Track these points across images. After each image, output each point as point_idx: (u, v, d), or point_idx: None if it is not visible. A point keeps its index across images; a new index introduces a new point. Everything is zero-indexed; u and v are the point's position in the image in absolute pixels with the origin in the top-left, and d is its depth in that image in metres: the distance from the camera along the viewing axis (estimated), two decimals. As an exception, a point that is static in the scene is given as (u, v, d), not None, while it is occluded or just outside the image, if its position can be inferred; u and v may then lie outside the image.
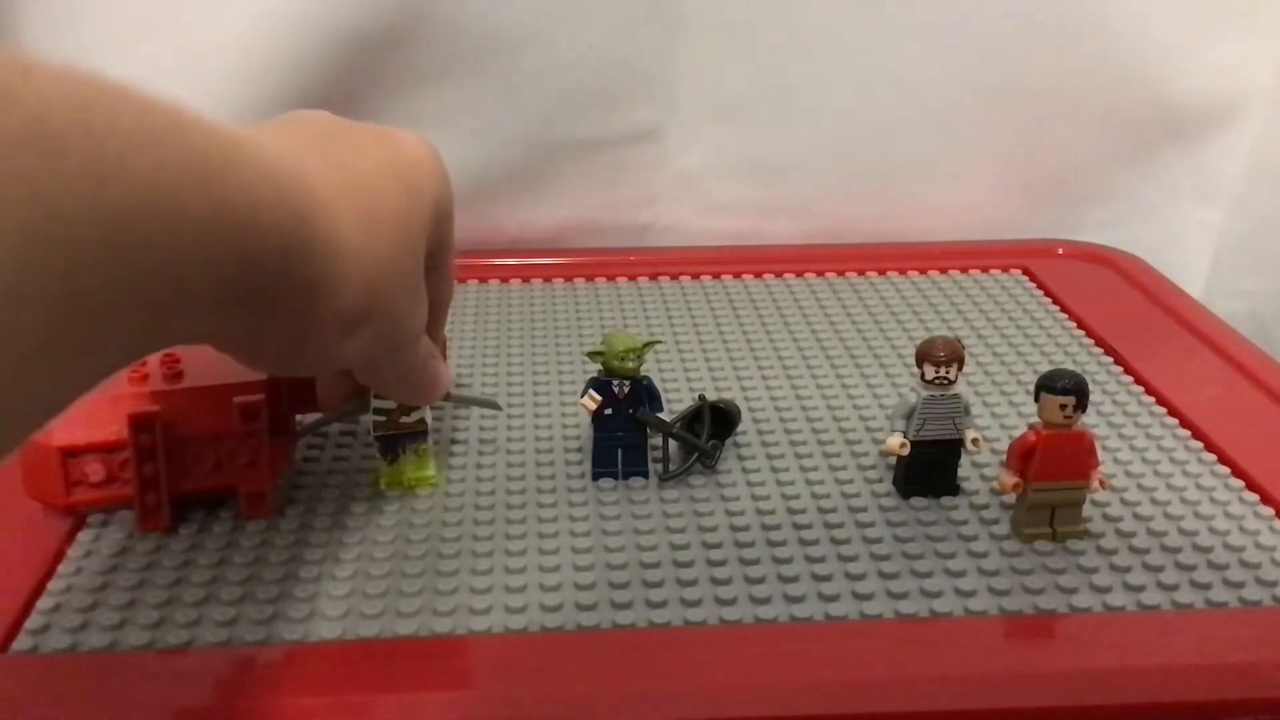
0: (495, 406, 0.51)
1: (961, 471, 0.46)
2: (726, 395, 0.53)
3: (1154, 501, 0.45)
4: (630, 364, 0.45)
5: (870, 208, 0.75)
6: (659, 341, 0.48)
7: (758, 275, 0.69)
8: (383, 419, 0.45)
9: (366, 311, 0.34)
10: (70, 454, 0.41)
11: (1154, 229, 0.77)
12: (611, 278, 0.69)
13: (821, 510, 0.45)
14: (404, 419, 0.46)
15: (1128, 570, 0.41)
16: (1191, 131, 0.75)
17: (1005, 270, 0.70)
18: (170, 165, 0.24)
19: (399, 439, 0.46)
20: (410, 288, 0.37)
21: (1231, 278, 0.77)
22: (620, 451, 0.47)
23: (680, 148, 0.73)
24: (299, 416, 0.47)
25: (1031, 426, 0.42)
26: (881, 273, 0.70)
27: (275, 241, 0.28)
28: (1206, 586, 0.40)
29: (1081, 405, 0.41)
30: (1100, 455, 0.43)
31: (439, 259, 0.40)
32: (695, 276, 0.69)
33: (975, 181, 0.76)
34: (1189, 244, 0.78)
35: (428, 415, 0.46)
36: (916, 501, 0.45)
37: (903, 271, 0.70)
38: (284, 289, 0.30)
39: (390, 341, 0.37)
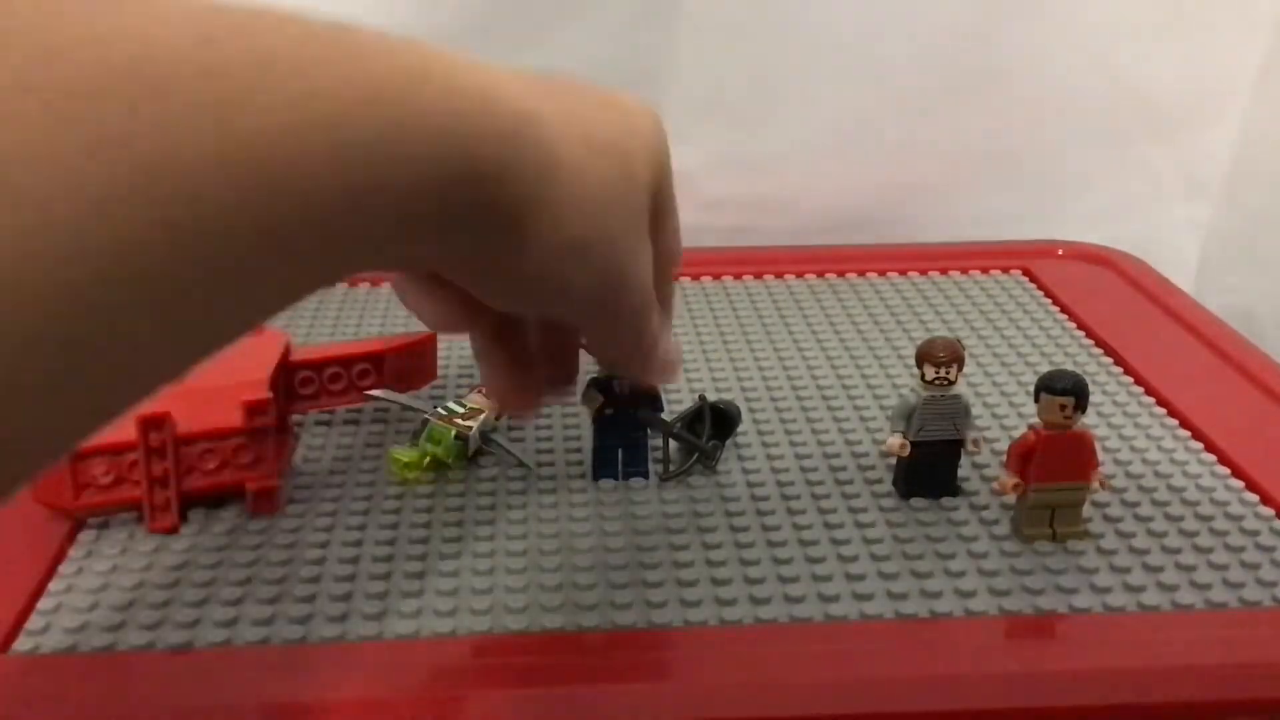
0: (525, 465, 0.48)
1: (961, 472, 0.46)
2: (726, 396, 0.53)
3: (1154, 502, 0.45)
4: None
5: (859, 200, 0.76)
6: None
7: (758, 275, 0.69)
8: (444, 413, 0.47)
9: (588, 236, 0.32)
10: (79, 457, 0.41)
11: (1142, 226, 0.77)
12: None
13: (821, 510, 0.45)
14: (460, 421, 0.47)
15: (1128, 571, 0.41)
16: (1177, 128, 0.76)
17: (1005, 271, 0.70)
18: (324, 92, 0.23)
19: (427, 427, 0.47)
20: (633, 222, 0.35)
21: (1220, 274, 0.77)
22: (620, 451, 0.47)
23: (673, 145, 0.73)
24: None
25: (1031, 427, 0.42)
26: (881, 273, 0.70)
27: (482, 157, 0.27)
28: (1206, 587, 0.40)
29: (1081, 406, 0.41)
30: (1100, 455, 0.43)
31: (661, 214, 0.38)
32: (695, 277, 0.69)
33: (961, 173, 0.76)
34: (1177, 241, 0.78)
35: (475, 434, 0.47)
36: (916, 502, 0.45)
37: (903, 272, 0.70)
38: (498, 208, 0.28)
39: (617, 277, 0.34)
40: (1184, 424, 0.52)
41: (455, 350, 0.59)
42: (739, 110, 0.73)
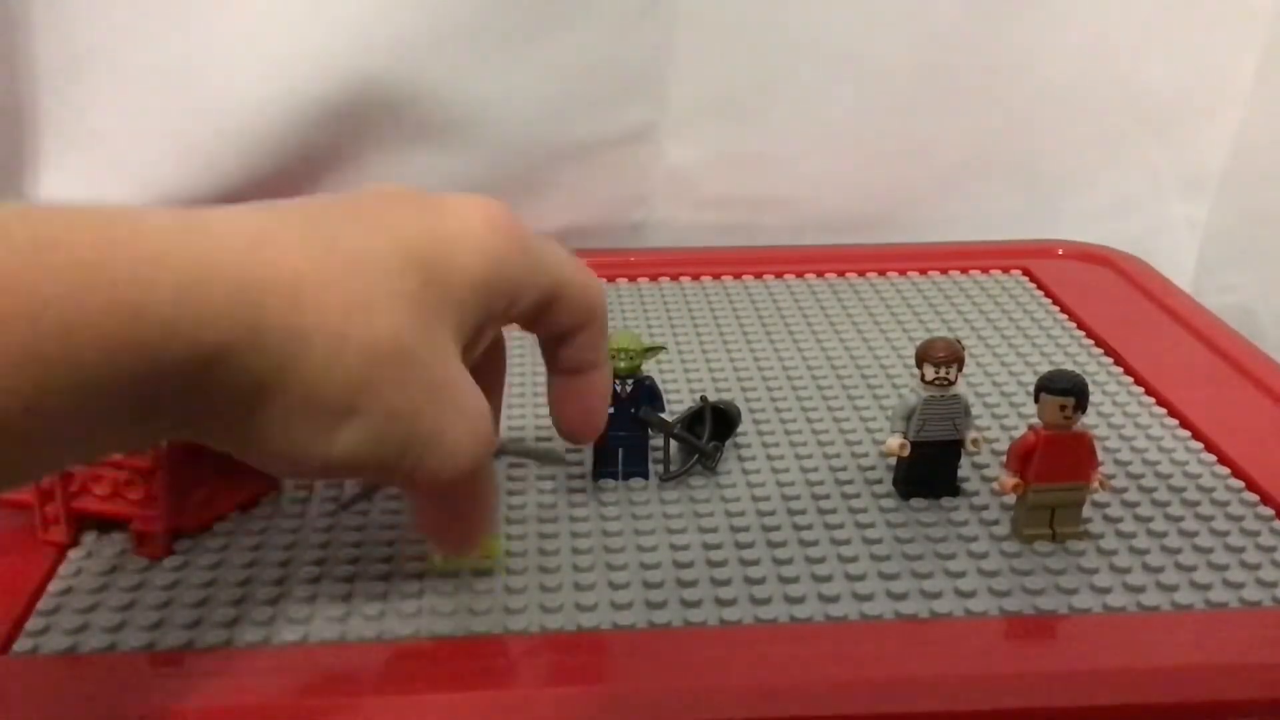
0: (559, 460, 0.46)
1: (961, 472, 0.46)
2: (726, 396, 0.53)
3: (1154, 502, 0.45)
4: (621, 363, 0.45)
5: (857, 200, 0.76)
6: (661, 348, 0.48)
7: (758, 275, 0.69)
8: None
9: (352, 402, 0.30)
10: None
11: (1139, 225, 0.77)
12: (611, 278, 0.69)
13: (821, 510, 0.45)
14: None
15: (1128, 571, 0.41)
16: (1174, 126, 0.76)
17: (1005, 271, 0.70)
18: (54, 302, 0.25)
19: None
20: (419, 379, 0.31)
21: (1218, 272, 0.77)
22: (621, 451, 0.47)
23: (672, 144, 0.73)
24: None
25: (1031, 427, 0.42)
26: (881, 273, 0.70)
27: (205, 343, 0.27)
28: (1206, 587, 0.40)
29: (1081, 406, 0.41)
30: (1100, 455, 0.43)
31: (489, 338, 0.36)
32: (695, 277, 0.69)
33: (958, 173, 0.76)
34: (1175, 239, 0.78)
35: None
36: (916, 502, 0.45)
37: (903, 272, 0.70)
38: (229, 387, 0.28)
39: (397, 441, 0.31)
40: (1184, 424, 0.52)
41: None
42: (738, 109, 0.73)
